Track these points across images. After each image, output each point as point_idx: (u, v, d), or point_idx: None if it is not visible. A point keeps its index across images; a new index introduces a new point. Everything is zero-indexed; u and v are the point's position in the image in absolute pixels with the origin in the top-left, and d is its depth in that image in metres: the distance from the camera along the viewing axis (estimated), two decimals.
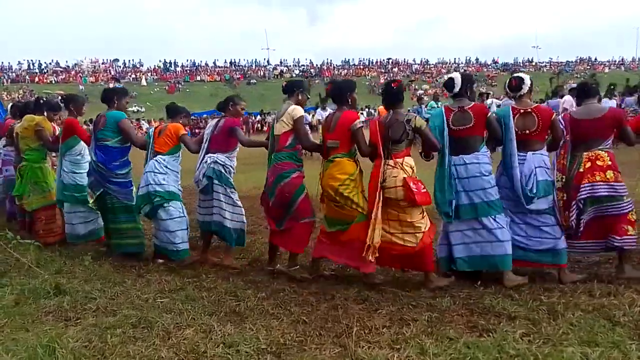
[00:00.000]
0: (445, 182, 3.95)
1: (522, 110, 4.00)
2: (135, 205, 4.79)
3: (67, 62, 55.87)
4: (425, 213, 3.93)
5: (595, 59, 62.09)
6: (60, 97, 5.59)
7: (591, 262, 4.42)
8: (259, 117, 34.00)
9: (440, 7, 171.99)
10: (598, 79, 32.83)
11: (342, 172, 3.94)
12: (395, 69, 59.64)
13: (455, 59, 63.20)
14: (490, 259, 3.90)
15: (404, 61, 62.45)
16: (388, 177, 3.82)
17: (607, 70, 55.66)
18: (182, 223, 4.73)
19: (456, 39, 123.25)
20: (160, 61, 58.93)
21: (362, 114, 24.07)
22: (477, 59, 63.41)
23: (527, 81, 4.06)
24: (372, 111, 31.80)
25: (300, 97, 4.36)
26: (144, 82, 52.73)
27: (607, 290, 3.65)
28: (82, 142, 5.28)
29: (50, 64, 54.88)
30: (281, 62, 60.93)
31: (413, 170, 3.90)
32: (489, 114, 4.01)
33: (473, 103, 4.05)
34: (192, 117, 23.63)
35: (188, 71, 57.29)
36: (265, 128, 29.42)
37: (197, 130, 24.24)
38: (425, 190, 3.82)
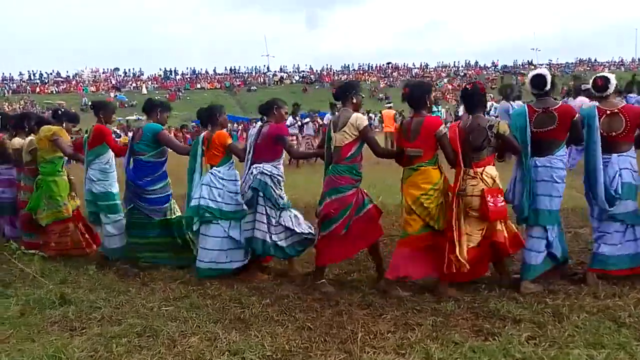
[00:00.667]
0: (526, 186, 3.82)
1: (608, 111, 3.83)
2: (186, 217, 4.52)
3: (67, 72, 56.08)
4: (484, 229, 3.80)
5: (595, 60, 62.16)
6: (90, 103, 5.34)
7: None
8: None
9: (439, 11, 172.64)
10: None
11: (427, 182, 3.78)
12: (395, 74, 59.73)
13: (455, 62, 63.33)
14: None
15: (404, 65, 62.55)
16: (467, 187, 3.72)
17: (607, 71, 55.53)
18: (224, 243, 4.42)
19: (456, 43, 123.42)
20: (160, 69, 59.15)
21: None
22: (476, 62, 63.52)
23: (613, 81, 3.90)
24: (373, 116, 31.82)
25: (355, 101, 4.12)
26: (144, 91, 52.85)
27: (611, 291, 3.65)
28: (110, 151, 5.01)
29: (51, 74, 55.08)
30: (281, 69, 61.06)
31: (494, 181, 3.74)
32: (576, 116, 3.80)
33: (559, 103, 3.87)
34: (193, 124, 23.58)
35: (188, 79, 57.40)
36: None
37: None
38: (502, 204, 3.70)
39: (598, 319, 3.17)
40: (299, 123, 14.62)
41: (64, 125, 5.33)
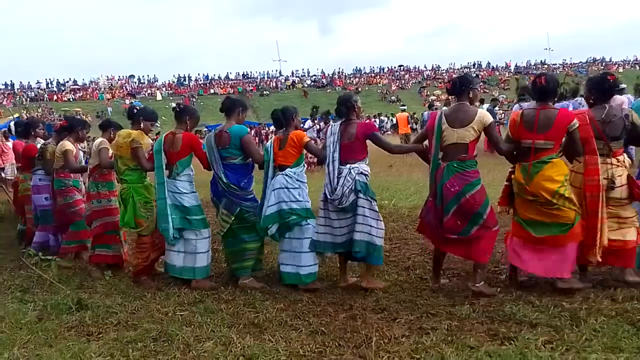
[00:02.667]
0: None
1: None
2: (262, 226, 4.30)
3: (83, 79, 56.90)
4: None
5: (610, 59, 61.34)
6: (176, 106, 4.73)
7: (610, 267, 4.34)
8: (272, 128, 34.14)
9: (451, 14, 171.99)
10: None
11: (560, 174, 3.71)
12: (407, 76, 59.59)
13: (467, 63, 62.99)
14: None
15: (415, 68, 62.38)
16: (616, 177, 3.75)
17: (621, 70, 54.91)
18: (314, 243, 4.26)
19: (468, 45, 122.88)
20: (174, 76, 59.75)
21: (375, 121, 24.13)
22: (488, 63, 63.11)
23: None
24: (385, 119, 31.75)
25: (471, 95, 3.95)
26: (159, 97, 53.44)
27: (629, 294, 3.59)
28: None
29: (67, 82, 55.93)
30: (293, 73, 61.30)
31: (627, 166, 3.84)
32: None
33: None
34: (206, 129, 23.73)
35: (201, 85, 57.93)
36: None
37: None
38: None
39: (616, 323, 3.12)
40: (317, 126, 14.62)
41: (141, 125, 4.74)
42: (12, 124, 7.28)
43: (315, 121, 14.95)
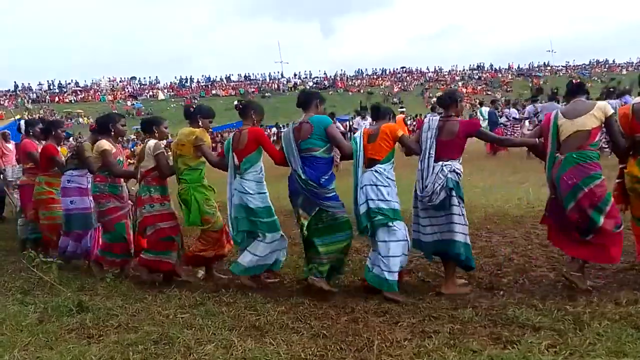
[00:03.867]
0: None
1: None
2: (361, 226, 4.07)
3: (85, 81, 57.06)
4: None
5: (614, 61, 61.30)
6: (237, 103, 4.57)
7: (615, 269, 4.32)
8: (274, 130, 34.21)
9: (453, 15, 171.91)
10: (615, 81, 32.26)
11: None
12: (409, 78, 59.61)
13: (470, 65, 62.99)
14: None
15: (418, 70, 62.41)
16: None
17: (624, 72, 54.84)
18: (405, 247, 4.05)
19: (470, 46, 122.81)
20: (175, 78, 59.91)
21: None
22: (491, 65, 63.11)
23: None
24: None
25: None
26: (161, 96, 53.58)
27: (634, 297, 3.56)
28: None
29: (69, 83, 56.10)
30: (295, 75, 61.39)
31: None
32: None
33: None
34: (212, 131, 23.83)
35: (203, 86, 58.06)
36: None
37: (213, 145, 24.39)
38: None
39: (620, 327, 3.09)
40: None
41: (200, 123, 4.60)
42: (22, 122, 6.70)
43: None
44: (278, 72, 61.73)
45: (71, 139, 6.35)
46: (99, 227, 5.19)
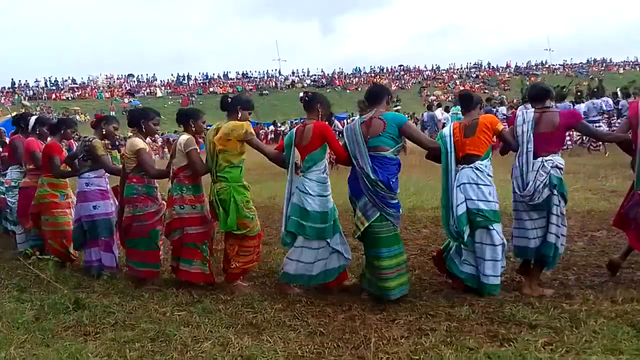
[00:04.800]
0: None
1: None
2: (459, 229, 3.79)
3: (82, 78, 56.86)
4: None
5: (611, 60, 61.39)
6: (303, 95, 4.21)
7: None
8: (271, 128, 34.19)
9: (452, 14, 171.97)
10: (614, 80, 32.34)
11: None
12: (407, 76, 59.60)
13: (467, 63, 63.01)
14: None
15: (415, 68, 62.40)
16: None
17: (621, 71, 54.98)
18: (503, 250, 3.82)
19: (469, 45, 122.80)
20: (172, 75, 59.75)
21: None
22: (489, 64, 63.12)
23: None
24: None
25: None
26: (159, 94, 53.45)
27: (629, 295, 3.58)
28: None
29: (66, 80, 55.89)
30: (293, 73, 61.29)
31: None
32: None
33: None
34: (208, 127, 23.73)
35: (201, 84, 57.92)
36: (280, 138, 29.55)
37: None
38: None
39: (616, 324, 3.11)
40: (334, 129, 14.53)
41: (239, 115, 4.21)
42: (32, 118, 5.82)
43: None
44: (276, 70, 61.64)
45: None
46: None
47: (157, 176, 4.48)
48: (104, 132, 4.85)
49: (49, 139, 5.34)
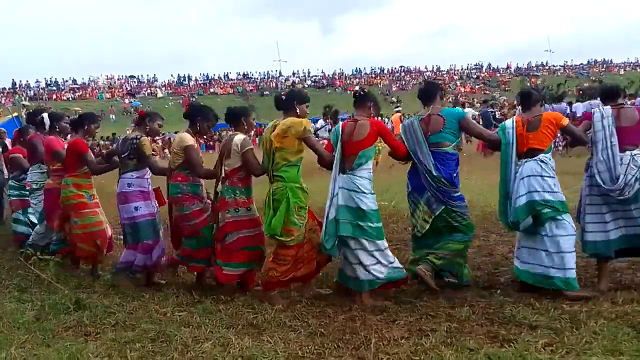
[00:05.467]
0: None
1: None
2: (514, 219, 3.85)
3: (82, 79, 56.89)
4: None
5: (611, 60, 61.37)
6: (359, 89, 4.18)
7: (612, 269, 4.33)
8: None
9: (453, 14, 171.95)
10: (615, 81, 32.39)
11: None
12: (407, 77, 59.59)
13: (468, 64, 63.02)
14: None
15: (416, 69, 62.40)
16: None
17: (622, 72, 54.94)
18: (574, 242, 3.81)
19: (470, 46, 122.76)
20: (172, 75, 59.79)
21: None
22: (489, 65, 63.13)
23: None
24: (386, 120, 31.80)
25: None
26: (160, 94, 53.48)
27: (630, 297, 3.58)
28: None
29: (66, 81, 55.93)
30: (294, 74, 61.31)
31: None
32: None
33: None
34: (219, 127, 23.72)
35: (201, 84, 57.95)
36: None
37: (211, 143, 24.29)
38: None
39: (616, 325, 3.10)
40: (329, 126, 14.45)
41: (297, 111, 4.01)
42: (45, 115, 5.47)
43: (328, 120, 14.82)
44: (276, 71, 61.66)
45: (68, 136, 5.58)
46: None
47: (204, 176, 4.31)
48: (147, 129, 4.58)
49: (69, 136, 5.19)
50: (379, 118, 16.53)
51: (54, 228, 5.17)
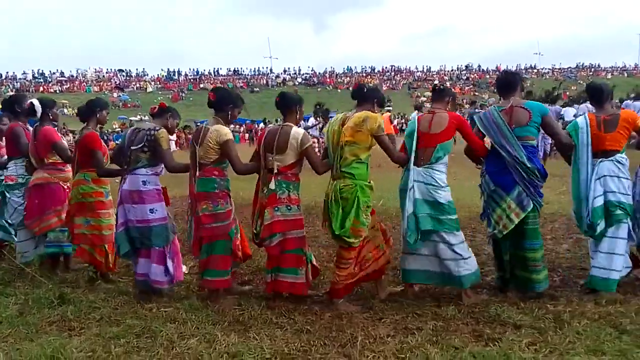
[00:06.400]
0: None
1: None
2: (591, 221, 3.71)
3: (70, 71, 56.28)
4: None
5: (599, 65, 62.13)
6: (439, 84, 4.10)
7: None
8: (262, 125, 34.08)
9: (445, 15, 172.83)
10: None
11: None
12: (398, 77, 59.79)
13: (458, 65, 63.40)
14: None
15: (407, 69, 62.62)
16: None
17: (609, 76, 55.63)
18: (627, 246, 3.78)
19: (461, 46, 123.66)
20: (162, 70, 59.37)
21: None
22: (479, 66, 63.56)
23: None
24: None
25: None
26: (149, 89, 53.08)
27: (613, 297, 3.62)
28: None
29: (54, 73, 55.28)
30: (285, 71, 61.19)
31: None
32: None
33: None
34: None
35: (191, 80, 57.60)
36: None
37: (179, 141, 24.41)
38: None
39: (599, 326, 3.15)
40: (320, 124, 14.39)
41: (375, 108, 3.84)
42: (35, 101, 4.81)
43: (319, 118, 14.72)
44: (267, 68, 61.50)
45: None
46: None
47: (244, 171, 3.91)
48: (168, 125, 4.16)
49: (85, 128, 4.50)
50: (330, 115, 16.10)
51: (37, 231, 4.66)
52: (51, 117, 4.80)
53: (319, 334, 3.22)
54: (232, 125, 4.13)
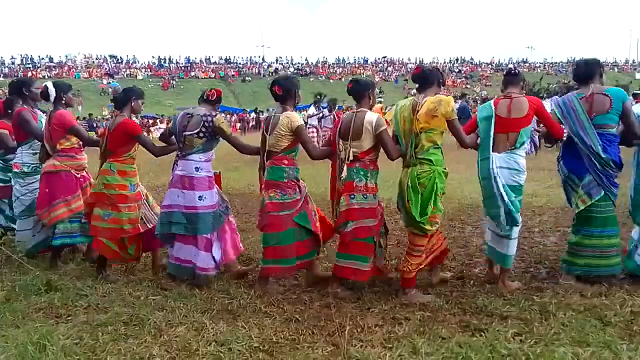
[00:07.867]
0: None
1: None
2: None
3: (60, 57, 55.51)
4: None
5: None
6: (513, 69, 4.00)
7: None
8: (253, 115, 33.95)
9: (438, 8, 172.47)
10: None
11: None
12: (390, 68, 59.71)
13: (450, 58, 63.45)
14: None
15: (399, 60, 62.54)
16: None
17: None
18: None
19: (455, 39, 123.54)
20: (153, 57, 58.75)
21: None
22: (471, 58, 63.66)
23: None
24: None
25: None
26: (140, 76, 52.54)
27: (598, 290, 3.67)
28: None
29: (43, 59, 54.50)
30: (277, 60, 60.83)
31: None
32: None
33: None
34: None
35: (182, 68, 57.09)
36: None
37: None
38: None
39: (584, 317, 3.19)
40: (321, 114, 14.24)
41: (440, 88, 3.77)
42: (49, 85, 4.55)
43: (320, 108, 14.53)
44: (259, 57, 61.11)
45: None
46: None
47: (319, 156, 3.98)
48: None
49: (120, 116, 4.23)
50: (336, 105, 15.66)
51: (48, 222, 4.44)
52: (64, 102, 4.54)
53: (308, 323, 3.23)
54: (222, 114, 4.07)
